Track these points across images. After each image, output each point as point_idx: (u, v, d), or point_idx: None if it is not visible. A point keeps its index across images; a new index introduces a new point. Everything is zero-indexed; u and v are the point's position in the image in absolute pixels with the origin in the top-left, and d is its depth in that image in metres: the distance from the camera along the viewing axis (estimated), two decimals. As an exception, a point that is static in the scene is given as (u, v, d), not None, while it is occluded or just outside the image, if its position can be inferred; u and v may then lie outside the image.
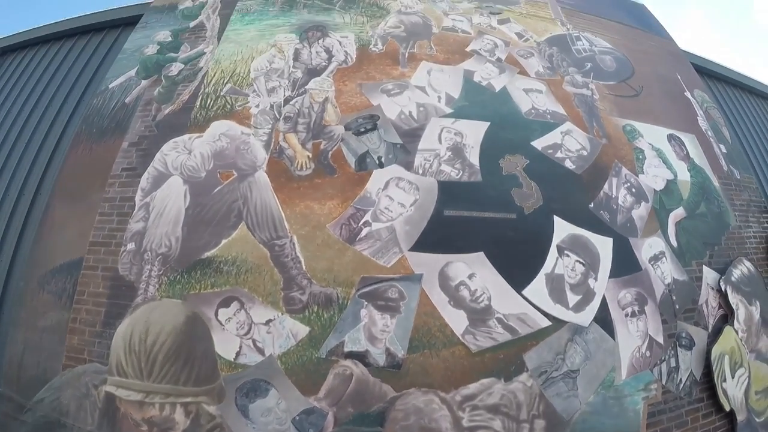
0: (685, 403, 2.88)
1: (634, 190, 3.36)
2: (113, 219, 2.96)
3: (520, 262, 2.80)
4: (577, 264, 2.88)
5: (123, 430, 2.46)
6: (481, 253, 2.75)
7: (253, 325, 2.55)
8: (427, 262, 2.70)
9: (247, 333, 2.54)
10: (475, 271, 2.71)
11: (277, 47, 3.61)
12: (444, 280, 2.67)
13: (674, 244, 3.31)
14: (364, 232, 2.77)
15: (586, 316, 2.77)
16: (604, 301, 2.84)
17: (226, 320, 2.56)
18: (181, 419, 2.40)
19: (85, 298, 2.78)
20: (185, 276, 2.69)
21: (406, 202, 2.88)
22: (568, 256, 2.89)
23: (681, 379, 2.92)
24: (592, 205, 3.16)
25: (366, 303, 2.60)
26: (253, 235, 2.77)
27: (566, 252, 2.90)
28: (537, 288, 2.75)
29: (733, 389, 3.08)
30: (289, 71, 3.46)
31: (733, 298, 3.35)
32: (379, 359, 2.50)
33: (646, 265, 3.08)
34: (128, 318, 2.60)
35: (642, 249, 3.13)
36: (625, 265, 3.01)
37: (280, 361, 2.48)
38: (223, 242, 2.76)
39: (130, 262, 2.79)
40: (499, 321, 2.63)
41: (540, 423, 2.51)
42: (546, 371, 2.59)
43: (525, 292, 2.72)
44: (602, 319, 2.79)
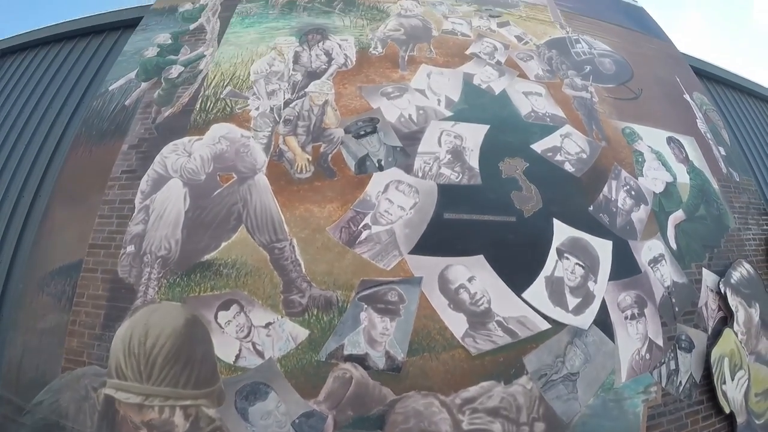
0: (685, 405, 2.88)
1: (633, 193, 3.36)
2: (113, 221, 2.95)
3: (519, 265, 2.79)
4: (576, 267, 2.88)
5: (122, 433, 2.44)
6: (481, 256, 2.74)
7: (252, 328, 2.55)
8: (426, 265, 2.70)
9: (246, 336, 2.53)
10: (474, 274, 2.70)
11: (277, 50, 3.61)
12: (444, 283, 2.67)
13: (674, 246, 3.30)
14: (364, 235, 2.77)
15: (585, 319, 2.76)
16: (603, 304, 2.83)
17: (226, 323, 2.55)
18: (180, 422, 2.39)
19: (84, 300, 2.77)
20: (185, 279, 2.68)
21: (405, 205, 2.88)
22: (568, 258, 2.89)
23: (681, 381, 2.92)
24: (592, 208, 3.15)
25: (366, 306, 2.59)
26: (253, 238, 2.77)
27: (566, 255, 2.90)
28: (537, 291, 2.75)
29: (732, 391, 3.07)
30: (289, 74, 3.46)
31: (733, 301, 3.34)
32: (379, 362, 2.49)
33: (646, 268, 3.08)
34: (128, 321, 2.59)
35: (641, 252, 3.13)
36: (625, 268, 3.01)
37: (280, 364, 2.48)
38: (223, 245, 2.75)
39: (129, 265, 2.78)
40: (499, 324, 2.62)
41: (540, 426, 2.50)
42: (546, 374, 2.58)
43: (525, 295, 2.71)
44: (602, 322, 2.79)
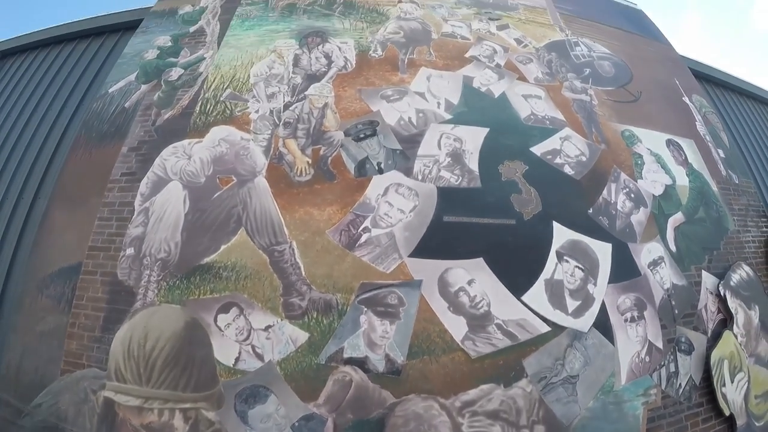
0: (685, 407, 2.88)
1: (632, 196, 3.36)
2: (112, 224, 2.96)
3: (519, 268, 2.80)
4: (576, 269, 2.88)
5: (121, 435, 2.44)
6: (481, 259, 2.75)
7: (252, 330, 2.55)
8: (426, 268, 2.70)
9: (246, 339, 2.53)
10: (474, 277, 2.70)
11: (277, 53, 3.62)
12: (443, 286, 2.67)
13: (673, 249, 3.31)
14: (364, 238, 2.77)
15: (585, 322, 2.76)
16: (603, 307, 2.84)
17: (226, 326, 2.56)
18: (180, 425, 2.39)
19: (83, 303, 2.77)
20: (184, 281, 2.68)
21: (405, 208, 2.88)
22: (568, 261, 2.89)
23: (680, 383, 2.92)
24: (591, 211, 3.16)
25: (365, 309, 2.59)
26: (253, 241, 2.77)
27: (565, 257, 2.90)
28: (536, 294, 2.75)
29: (732, 394, 3.07)
30: (289, 77, 3.46)
31: (732, 303, 3.35)
32: (379, 365, 2.49)
33: (645, 271, 3.08)
34: (127, 323, 2.59)
35: (641, 254, 3.13)
36: (624, 271, 3.01)
37: (280, 367, 2.48)
38: (223, 248, 2.75)
39: (129, 267, 2.78)
40: (499, 327, 2.63)
41: (540, 429, 2.50)
42: (545, 377, 2.59)
43: (524, 297, 2.72)
44: (601, 325, 2.79)
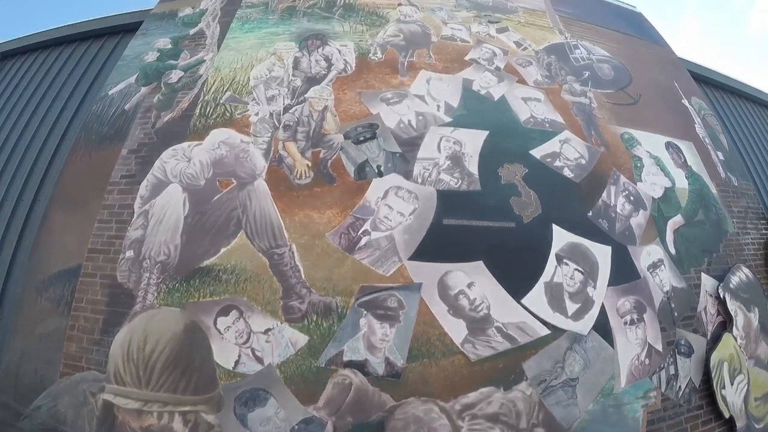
0: (685, 410, 2.88)
1: (632, 198, 3.37)
2: (112, 226, 2.95)
3: (519, 271, 2.80)
4: (575, 272, 2.89)
5: (121, 438, 2.44)
6: (480, 262, 2.75)
7: (252, 333, 2.54)
8: (426, 271, 2.70)
9: (246, 342, 2.53)
10: (474, 280, 2.71)
11: (277, 55, 3.62)
12: (443, 289, 2.67)
13: (672, 251, 3.31)
14: (364, 241, 2.77)
15: (585, 325, 2.77)
16: (603, 310, 2.84)
17: (225, 329, 2.55)
18: (179, 428, 2.38)
19: (83, 305, 2.77)
20: (184, 284, 2.68)
21: (405, 211, 2.88)
22: (567, 264, 2.90)
23: (680, 386, 2.92)
24: (591, 214, 3.16)
25: (365, 312, 2.59)
26: (252, 244, 2.77)
27: (565, 260, 2.90)
28: (536, 296, 2.75)
29: (732, 396, 3.08)
30: (289, 79, 3.46)
31: (732, 305, 3.36)
32: (379, 368, 2.49)
33: (645, 273, 3.09)
34: (126, 326, 2.59)
35: (640, 257, 3.14)
36: (624, 273, 3.02)
37: (279, 370, 2.47)
38: (222, 251, 2.75)
39: (128, 270, 2.78)
40: (498, 330, 2.63)
41: (539, 432, 2.51)
42: (545, 380, 2.59)
43: (524, 300, 2.72)
44: (601, 327, 2.79)
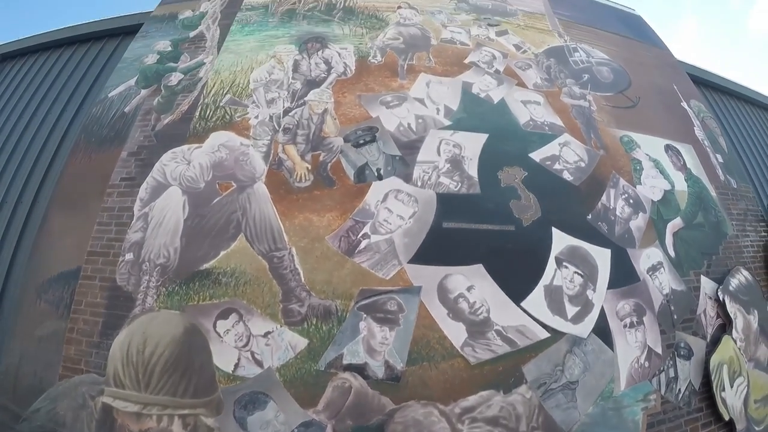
0: (684, 413, 2.88)
1: (631, 201, 3.37)
2: (111, 229, 2.95)
3: (518, 274, 2.80)
4: (575, 275, 2.89)
5: (120, 441, 2.43)
6: (480, 265, 2.75)
7: (251, 337, 2.54)
8: (425, 275, 2.70)
9: (245, 345, 2.53)
10: (473, 284, 2.71)
11: (277, 58, 3.62)
12: (443, 293, 2.67)
13: (672, 254, 3.32)
14: (363, 244, 2.77)
15: (584, 328, 2.77)
16: (602, 312, 2.84)
17: (225, 332, 2.55)
18: (178, 431, 2.38)
19: (82, 308, 2.76)
20: (183, 287, 2.68)
21: (404, 214, 2.88)
22: (567, 267, 2.90)
23: (680, 389, 2.92)
24: (590, 217, 3.17)
25: (365, 315, 2.59)
26: (252, 247, 2.77)
27: (565, 263, 2.90)
28: (536, 300, 2.75)
29: (732, 398, 3.08)
30: (289, 82, 3.46)
31: (731, 308, 3.36)
32: (378, 372, 2.49)
33: (645, 276, 3.09)
34: (126, 329, 2.58)
35: (640, 260, 3.14)
36: (624, 276, 3.02)
37: (279, 374, 2.47)
38: (222, 254, 2.75)
39: (128, 273, 2.77)
40: (498, 333, 2.63)
41: (539, 435, 2.50)
42: (545, 383, 2.59)
43: (524, 303, 2.72)
44: (601, 330, 2.79)
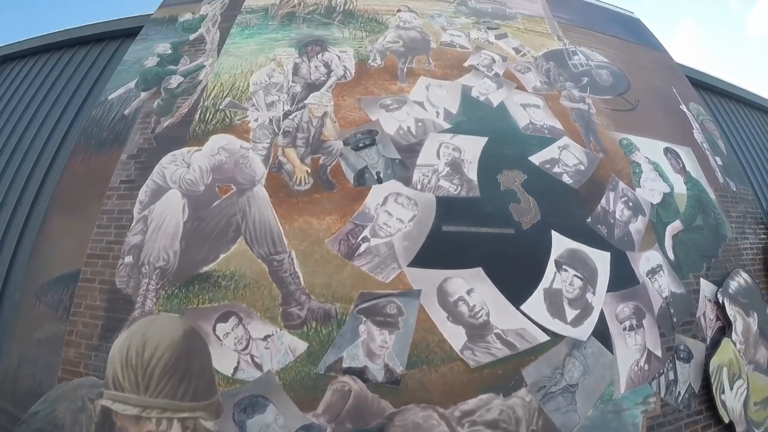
0: (684, 415, 2.88)
1: (631, 204, 3.37)
2: (111, 231, 2.95)
3: (518, 277, 2.80)
4: (575, 278, 2.89)
5: (119, 444, 2.43)
6: (480, 269, 2.75)
7: (251, 340, 2.54)
8: (425, 278, 2.70)
9: (245, 348, 2.52)
10: (473, 287, 2.70)
11: (277, 61, 3.62)
12: (442, 296, 2.67)
13: (671, 257, 3.32)
14: (363, 247, 2.77)
15: (584, 331, 2.77)
16: (602, 315, 2.84)
17: (224, 335, 2.55)
18: (178, 434, 2.38)
19: (81, 310, 2.76)
20: (183, 290, 2.67)
21: (404, 217, 2.88)
22: (566, 270, 2.90)
23: (680, 391, 2.92)
24: (590, 220, 3.17)
25: (364, 319, 2.59)
26: (252, 250, 2.76)
27: (564, 267, 2.90)
28: (535, 303, 2.75)
29: (731, 401, 3.08)
30: (288, 85, 3.47)
31: (731, 310, 3.36)
32: (378, 375, 2.49)
33: (644, 279, 3.09)
34: (125, 331, 2.58)
35: (639, 262, 3.14)
36: (623, 279, 3.02)
37: (279, 377, 2.47)
38: (222, 257, 2.75)
39: (127, 276, 2.77)
40: (498, 336, 2.62)
41: (539, 438, 2.50)
42: (545, 386, 2.58)
43: (523, 307, 2.72)
44: (600, 333, 2.79)
